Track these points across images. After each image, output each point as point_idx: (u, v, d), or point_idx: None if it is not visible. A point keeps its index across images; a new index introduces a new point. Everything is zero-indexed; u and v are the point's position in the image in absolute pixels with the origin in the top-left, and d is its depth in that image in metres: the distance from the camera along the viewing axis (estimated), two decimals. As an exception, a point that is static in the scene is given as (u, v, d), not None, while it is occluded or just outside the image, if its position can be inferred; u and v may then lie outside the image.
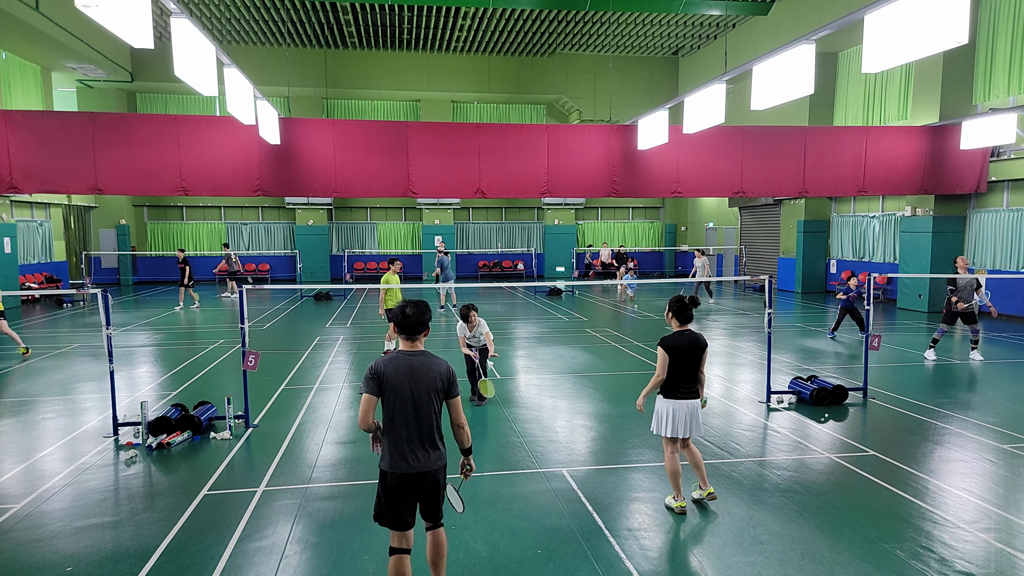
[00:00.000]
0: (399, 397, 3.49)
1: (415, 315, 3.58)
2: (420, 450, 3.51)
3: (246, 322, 7.23)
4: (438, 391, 3.55)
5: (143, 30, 6.57)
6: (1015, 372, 9.89)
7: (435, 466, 3.54)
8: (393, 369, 3.50)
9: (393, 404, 3.50)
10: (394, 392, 3.49)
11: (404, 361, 3.53)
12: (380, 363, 3.54)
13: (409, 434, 3.49)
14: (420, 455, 3.50)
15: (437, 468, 3.56)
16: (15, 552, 4.48)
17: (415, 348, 3.61)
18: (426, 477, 3.52)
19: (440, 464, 3.57)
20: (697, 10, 19.17)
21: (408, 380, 3.49)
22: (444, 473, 3.62)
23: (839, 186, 16.02)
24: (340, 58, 25.68)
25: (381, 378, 3.49)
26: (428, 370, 3.54)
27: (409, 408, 3.49)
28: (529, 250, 29.73)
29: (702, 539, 4.63)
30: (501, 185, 14.93)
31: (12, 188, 13.09)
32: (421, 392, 3.50)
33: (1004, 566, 4.23)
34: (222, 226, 27.93)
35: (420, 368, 3.53)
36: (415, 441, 3.50)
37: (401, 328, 3.60)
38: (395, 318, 3.61)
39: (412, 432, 3.50)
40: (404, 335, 3.61)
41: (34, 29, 16.82)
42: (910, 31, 6.55)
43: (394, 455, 3.50)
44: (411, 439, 3.49)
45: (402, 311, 3.58)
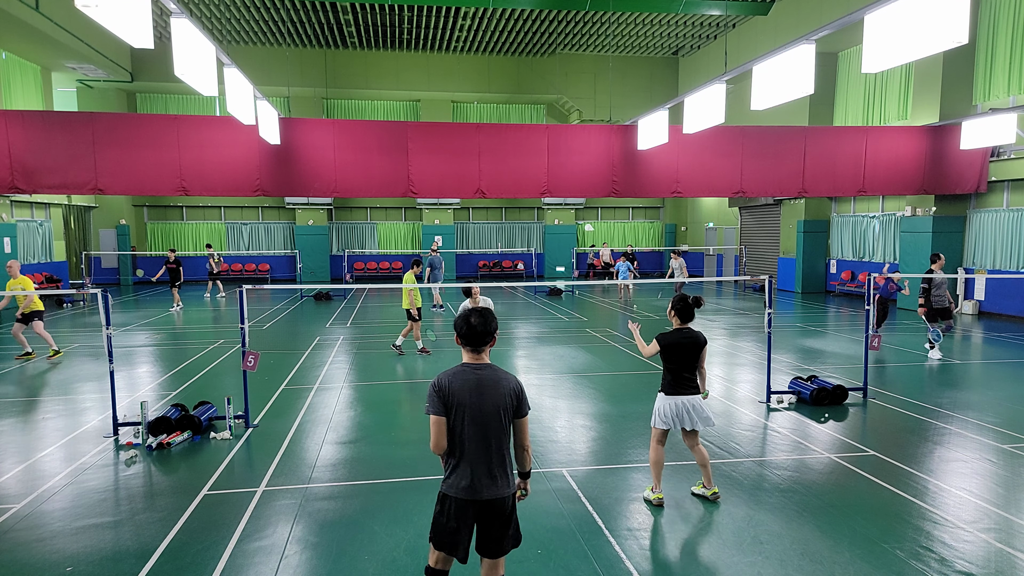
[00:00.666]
0: (465, 416, 3.17)
1: (480, 325, 3.23)
2: (487, 474, 3.18)
3: (246, 322, 7.23)
4: (507, 409, 3.22)
5: (143, 30, 6.56)
6: (1015, 372, 9.89)
7: (503, 493, 3.21)
8: (459, 385, 3.18)
9: (458, 423, 3.17)
10: (460, 410, 3.17)
11: (470, 376, 3.21)
12: (444, 378, 3.21)
13: (476, 456, 3.17)
14: (487, 480, 3.18)
15: (506, 495, 3.22)
16: (15, 552, 4.48)
17: (481, 361, 3.27)
18: (493, 504, 3.20)
19: (509, 491, 3.24)
20: (697, 10, 19.17)
21: (475, 397, 3.17)
22: (514, 502, 3.29)
23: (839, 186, 16.02)
24: (340, 58, 25.68)
25: (447, 395, 3.18)
26: (496, 386, 3.21)
27: (476, 428, 3.17)
28: (529, 250, 29.73)
29: (702, 539, 4.63)
30: (501, 185, 14.93)
31: (12, 188, 13.09)
32: (489, 410, 3.17)
33: (1004, 566, 4.23)
34: (222, 226, 27.94)
35: (488, 384, 3.21)
36: (482, 464, 3.17)
37: (466, 339, 3.25)
38: (458, 328, 3.26)
39: (479, 454, 3.17)
40: (469, 347, 3.26)
41: (34, 29, 16.82)
42: (910, 31, 6.55)
43: (458, 478, 3.18)
44: (477, 462, 3.17)
45: (466, 320, 3.24)
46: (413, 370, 10.20)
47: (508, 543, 3.29)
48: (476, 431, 3.16)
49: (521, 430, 3.29)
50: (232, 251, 27.97)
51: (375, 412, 7.90)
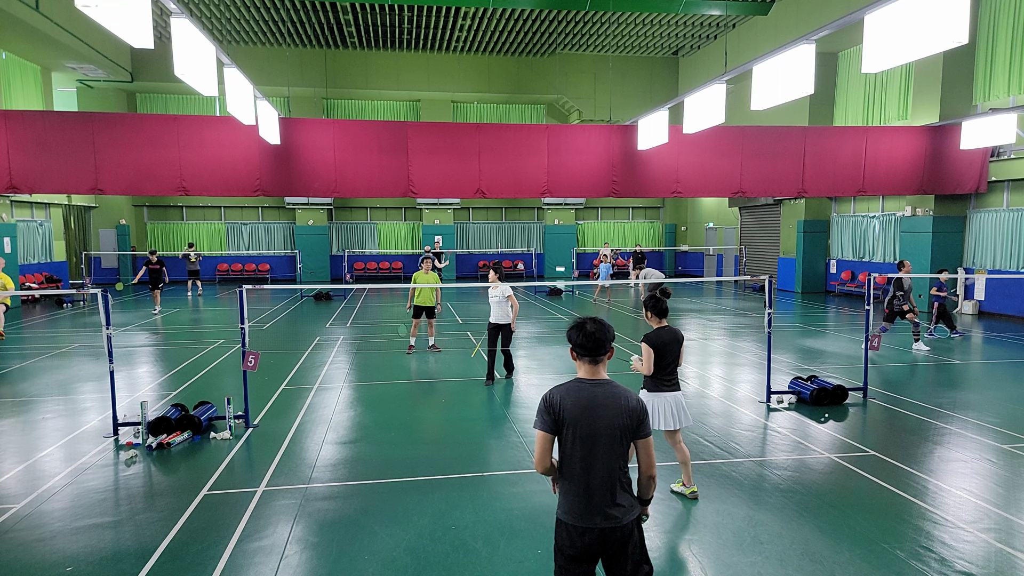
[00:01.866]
0: (579, 436, 2.86)
1: (598, 332, 2.92)
2: (599, 500, 2.87)
3: (246, 322, 7.23)
4: (626, 429, 2.88)
5: (143, 30, 6.56)
6: (1015, 372, 9.89)
7: (622, 521, 2.86)
8: (572, 402, 2.88)
9: (571, 443, 2.88)
10: (573, 429, 2.86)
11: (586, 392, 2.90)
12: (557, 393, 2.92)
13: (589, 481, 2.87)
14: (603, 506, 2.87)
15: (626, 524, 2.87)
16: (15, 552, 4.48)
17: (598, 376, 2.96)
18: (612, 533, 2.86)
19: (629, 519, 2.88)
20: (697, 10, 19.17)
21: (590, 416, 2.87)
22: (639, 529, 2.95)
23: (839, 186, 16.02)
24: (340, 58, 25.68)
25: (558, 412, 2.88)
26: (614, 404, 2.88)
27: (588, 449, 2.86)
28: (529, 250, 29.73)
29: (702, 539, 4.63)
30: (501, 185, 14.93)
31: (12, 188, 13.09)
32: (603, 431, 2.86)
33: (1004, 566, 4.23)
34: (222, 226, 27.95)
35: (605, 401, 2.88)
36: (596, 489, 2.87)
37: (582, 349, 2.94)
38: (572, 338, 2.97)
39: (593, 478, 2.87)
40: (585, 357, 2.96)
41: (34, 29, 16.82)
42: (910, 31, 6.55)
43: (572, 503, 2.89)
44: (590, 486, 2.87)
45: (582, 327, 2.94)
46: (414, 370, 10.20)
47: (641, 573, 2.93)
48: (588, 452, 2.86)
49: (645, 452, 2.96)
50: (232, 251, 27.98)
51: (375, 412, 7.90)
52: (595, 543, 2.87)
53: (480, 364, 10.49)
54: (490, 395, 8.57)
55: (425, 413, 7.90)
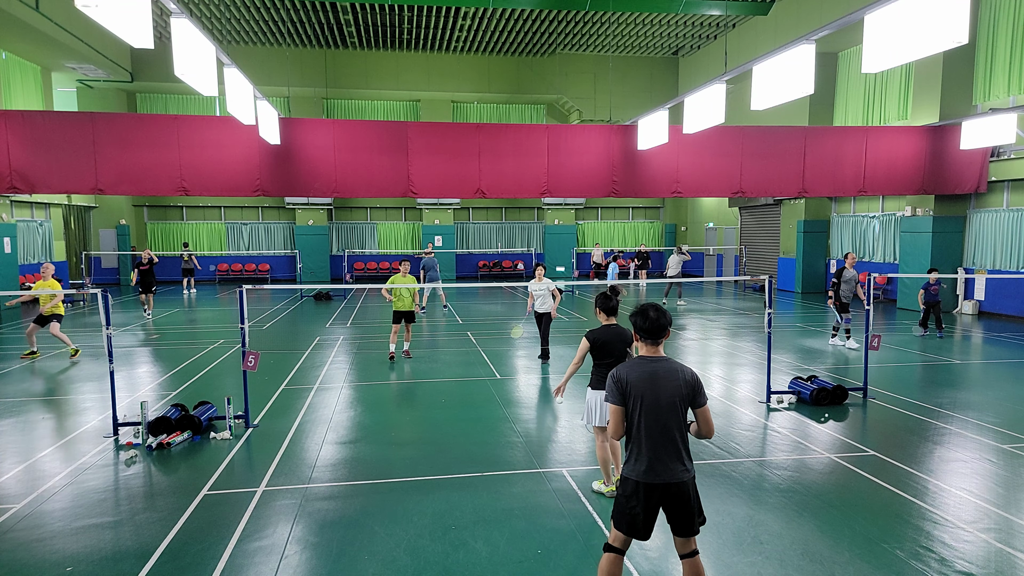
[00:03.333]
0: (644, 406, 3.31)
1: (659, 317, 3.38)
2: (664, 460, 3.31)
3: (246, 322, 7.23)
4: (683, 399, 3.33)
5: (143, 30, 6.56)
6: (1015, 372, 9.89)
7: (683, 478, 3.33)
8: (636, 376, 3.33)
9: (637, 413, 3.33)
10: (638, 400, 3.32)
11: (647, 367, 3.36)
12: (622, 370, 3.38)
13: (654, 444, 3.31)
14: (664, 466, 3.31)
15: (686, 480, 3.34)
16: (15, 552, 4.48)
17: (657, 353, 3.42)
18: (673, 488, 3.32)
19: (688, 476, 3.35)
20: (697, 10, 19.17)
21: (652, 388, 3.32)
22: (694, 486, 3.40)
23: (839, 186, 16.02)
24: (340, 58, 25.68)
25: (625, 385, 3.34)
26: (673, 377, 3.34)
27: (652, 417, 3.31)
28: (529, 250, 29.73)
29: (702, 539, 4.62)
30: (501, 185, 14.93)
31: (12, 188, 13.09)
32: (665, 400, 3.31)
33: (1004, 566, 4.23)
34: (222, 226, 27.94)
35: (664, 375, 3.34)
36: (659, 451, 3.31)
37: (644, 332, 3.41)
38: (636, 323, 3.44)
39: (657, 443, 3.31)
40: (648, 339, 3.42)
41: (34, 29, 16.81)
42: (910, 31, 6.55)
43: (638, 463, 3.34)
44: (656, 449, 3.31)
45: (644, 313, 3.41)
46: (413, 370, 10.20)
47: (697, 522, 3.39)
48: (652, 420, 3.30)
49: (703, 419, 3.38)
50: (232, 251, 27.97)
51: (375, 412, 7.90)
52: (661, 498, 3.33)
53: (480, 364, 10.51)
54: (490, 395, 8.57)
55: (425, 413, 7.90)
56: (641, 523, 3.35)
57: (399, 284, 10.58)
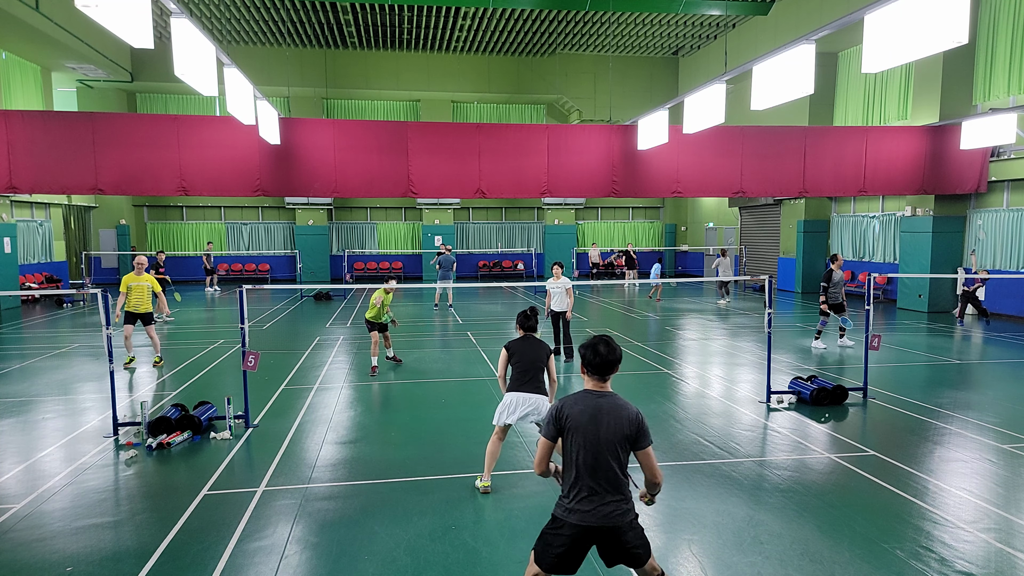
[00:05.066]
0: (582, 442, 3.14)
1: (608, 353, 3.21)
2: (599, 501, 3.13)
3: (246, 322, 7.23)
4: (625, 438, 3.15)
5: (143, 30, 6.56)
6: (1015, 372, 9.89)
7: (617, 522, 3.14)
8: (579, 410, 3.17)
9: (574, 449, 3.16)
10: (576, 435, 3.15)
11: (591, 402, 3.19)
12: (566, 403, 3.22)
13: (588, 482, 3.14)
14: (599, 506, 3.13)
15: (620, 525, 3.15)
16: (15, 552, 4.48)
17: (603, 388, 3.25)
18: (606, 532, 3.14)
19: (624, 520, 3.15)
20: (697, 10, 19.17)
21: (592, 424, 3.15)
22: (634, 527, 3.20)
23: (839, 186, 16.02)
24: (340, 58, 25.68)
25: (563, 420, 3.19)
26: (616, 414, 3.16)
27: (590, 454, 3.13)
28: (529, 250, 29.73)
29: (702, 539, 4.63)
30: (501, 185, 14.92)
31: (12, 188, 13.09)
32: (605, 437, 3.13)
33: (1004, 566, 4.23)
34: (222, 226, 27.95)
35: (608, 411, 3.17)
36: (595, 490, 3.13)
37: (592, 368, 3.23)
38: (586, 355, 3.24)
39: (593, 482, 3.14)
40: (595, 374, 3.24)
41: (34, 29, 16.81)
42: (910, 31, 6.55)
43: (572, 502, 3.16)
44: (590, 487, 3.14)
45: (594, 348, 3.22)
46: (413, 370, 10.20)
47: (641, 555, 3.24)
48: (591, 458, 3.13)
49: (647, 464, 3.22)
50: (232, 251, 27.97)
51: (375, 412, 7.90)
52: (591, 539, 3.17)
53: (480, 364, 10.51)
54: (490, 395, 8.57)
55: (425, 413, 7.90)
56: (566, 562, 3.18)
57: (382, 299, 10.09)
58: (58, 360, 10.91)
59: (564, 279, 10.50)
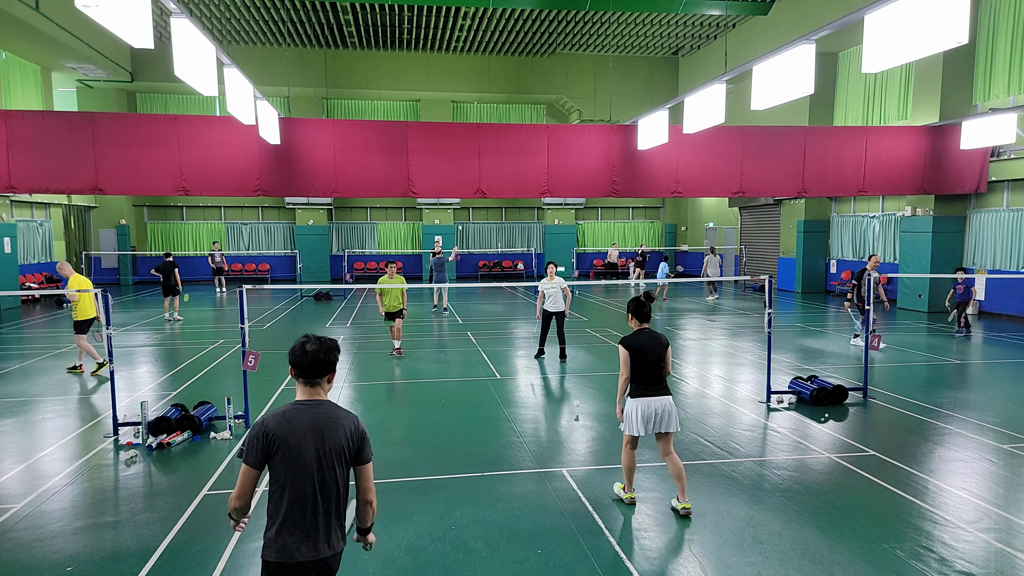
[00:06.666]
0: (297, 463, 2.64)
1: (318, 352, 2.75)
2: (312, 531, 2.67)
3: (246, 322, 7.23)
4: (343, 453, 2.72)
5: (143, 30, 6.56)
6: (1015, 372, 9.89)
7: (329, 552, 2.72)
8: (289, 428, 2.65)
9: (287, 472, 2.64)
10: (290, 457, 2.64)
11: (304, 414, 2.69)
12: (268, 421, 2.67)
13: (300, 511, 2.65)
14: (323, 537, 2.69)
15: (332, 556, 2.74)
16: (15, 552, 4.48)
17: (316, 396, 2.77)
18: (315, 567, 2.69)
19: (336, 550, 2.76)
20: (697, 10, 19.17)
21: (302, 440, 2.65)
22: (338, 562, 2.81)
23: (839, 186, 16.02)
24: (340, 58, 25.68)
25: (270, 441, 2.63)
26: (332, 426, 2.71)
27: (302, 476, 2.65)
28: (529, 250, 29.72)
29: (702, 539, 4.63)
30: (501, 185, 14.93)
31: (12, 188, 13.09)
32: (320, 456, 2.67)
33: (1004, 566, 4.23)
34: (222, 226, 27.94)
35: (324, 423, 2.70)
36: (307, 520, 2.66)
37: (299, 370, 2.75)
38: (292, 356, 2.78)
39: (303, 508, 2.66)
40: (303, 378, 2.75)
41: (34, 29, 16.81)
42: (910, 31, 6.55)
43: (286, 540, 2.64)
44: (314, 517, 2.67)
45: (302, 347, 2.76)
46: (413, 370, 10.20)
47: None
48: (301, 480, 2.66)
49: (364, 479, 2.81)
50: (232, 251, 27.96)
51: (374, 412, 7.90)
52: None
53: (480, 364, 10.51)
54: (490, 395, 8.57)
55: (425, 413, 7.90)
56: None
57: (387, 285, 10.85)
58: (58, 360, 10.91)
59: (559, 279, 10.47)
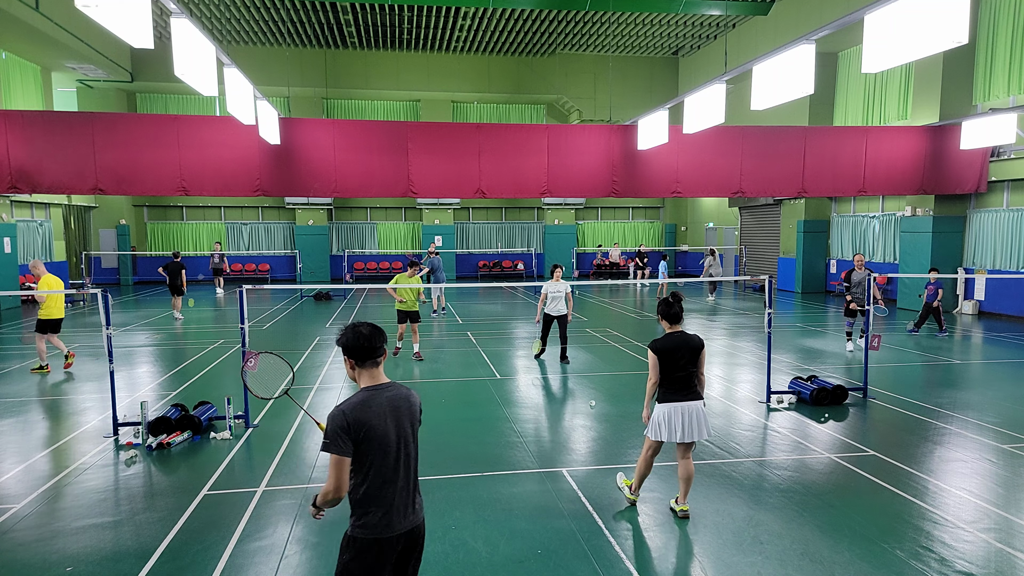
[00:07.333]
0: (383, 444, 2.76)
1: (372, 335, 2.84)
2: (411, 501, 2.88)
3: (246, 322, 7.23)
4: (416, 425, 2.95)
5: (143, 30, 6.57)
6: (1015, 372, 9.89)
7: (422, 516, 2.96)
8: (371, 413, 2.75)
9: (375, 454, 2.75)
10: (376, 440, 2.74)
11: (381, 398, 2.81)
12: (348, 411, 2.72)
13: (401, 485, 2.83)
14: (411, 507, 2.88)
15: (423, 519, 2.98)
16: (15, 552, 4.48)
17: (382, 379, 2.88)
18: (419, 530, 2.92)
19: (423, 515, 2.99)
20: (697, 10, 19.17)
21: (390, 421, 2.80)
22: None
23: (839, 186, 16.02)
24: (340, 58, 25.68)
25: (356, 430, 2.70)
26: (407, 404, 2.89)
27: (395, 455, 2.80)
28: (529, 250, 29.73)
29: (702, 539, 4.63)
30: (501, 185, 14.93)
31: (12, 188, 13.09)
32: (404, 432, 2.85)
33: (1004, 566, 4.23)
34: (222, 226, 27.94)
35: (399, 404, 2.86)
36: (407, 492, 2.85)
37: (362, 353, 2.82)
38: (347, 342, 2.83)
39: (404, 483, 2.84)
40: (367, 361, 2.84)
41: (34, 29, 16.81)
42: (910, 31, 6.55)
43: (380, 516, 2.77)
44: (403, 491, 2.83)
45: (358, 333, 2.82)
46: (413, 370, 10.20)
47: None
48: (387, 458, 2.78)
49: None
50: (232, 251, 27.96)
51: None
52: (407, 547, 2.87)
53: (480, 364, 10.50)
54: (490, 395, 8.57)
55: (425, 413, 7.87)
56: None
57: (403, 284, 10.59)
58: (58, 360, 10.90)
59: (564, 283, 10.40)
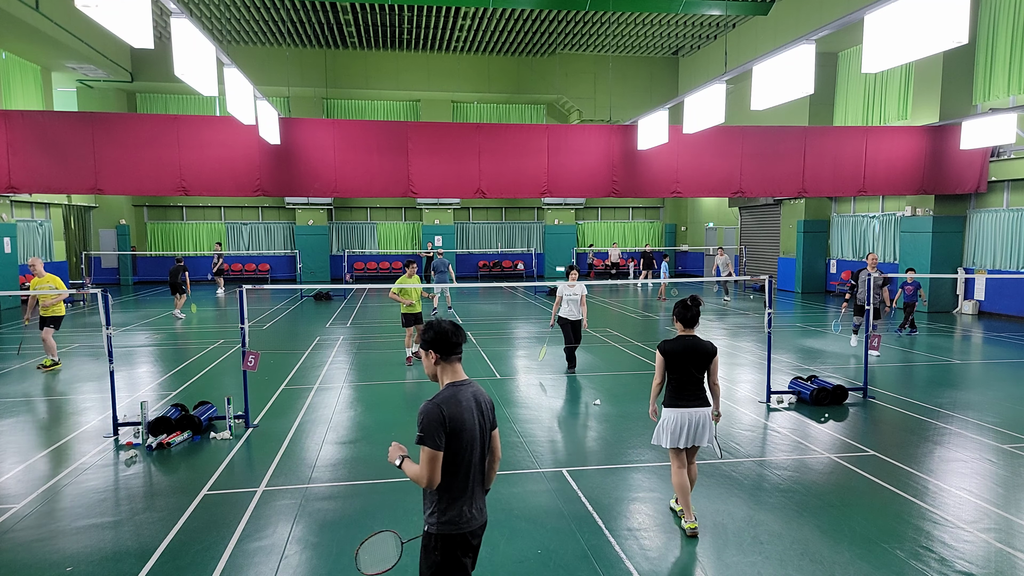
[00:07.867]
0: (470, 439, 2.84)
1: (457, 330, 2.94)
2: (482, 495, 2.97)
3: (246, 322, 7.23)
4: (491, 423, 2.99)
5: (143, 30, 6.57)
6: (1015, 372, 9.89)
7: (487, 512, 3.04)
8: (461, 408, 2.82)
9: (463, 449, 2.82)
10: (464, 435, 2.82)
11: (466, 394, 2.88)
12: (443, 406, 2.80)
13: (477, 480, 2.90)
14: (483, 501, 2.97)
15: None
16: (15, 552, 4.48)
17: (463, 375, 2.95)
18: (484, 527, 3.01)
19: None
20: (697, 10, 19.17)
21: (475, 417, 2.86)
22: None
23: (839, 186, 16.02)
24: (340, 58, 25.68)
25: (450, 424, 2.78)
26: (485, 401, 2.97)
27: (477, 450, 2.87)
28: (529, 250, 29.72)
29: (702, 539, 4.63)
30: (501, 185, 14.93)
31: (12, 188, 13.09)
32: (483, 428, 2.91)
33: (1004, 566, 4.23)
34: (222, 226, 27.94)
35: (481, 399, 2.94)
36: (481, 489, 2.95)
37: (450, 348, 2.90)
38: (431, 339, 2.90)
39: (479, 478, 2.92)
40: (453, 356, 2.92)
41: (34, 29, 16.81)
42: (910, 31, 6.55)
43: (462, 510, 2.84)
44: (478, 485, 2.92)
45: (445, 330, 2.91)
46: (413, 371, 10.19)
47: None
48: (471, 453, 2.86)
49: (496, 442, 3.06)
50: (232, 251, 27.97)
51: (375, 412, 7.90)
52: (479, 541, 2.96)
53: (480, 364, 10.50)
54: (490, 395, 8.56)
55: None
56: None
57: (408, 285, 10.36)
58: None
59: (580, 285, 9.69)
